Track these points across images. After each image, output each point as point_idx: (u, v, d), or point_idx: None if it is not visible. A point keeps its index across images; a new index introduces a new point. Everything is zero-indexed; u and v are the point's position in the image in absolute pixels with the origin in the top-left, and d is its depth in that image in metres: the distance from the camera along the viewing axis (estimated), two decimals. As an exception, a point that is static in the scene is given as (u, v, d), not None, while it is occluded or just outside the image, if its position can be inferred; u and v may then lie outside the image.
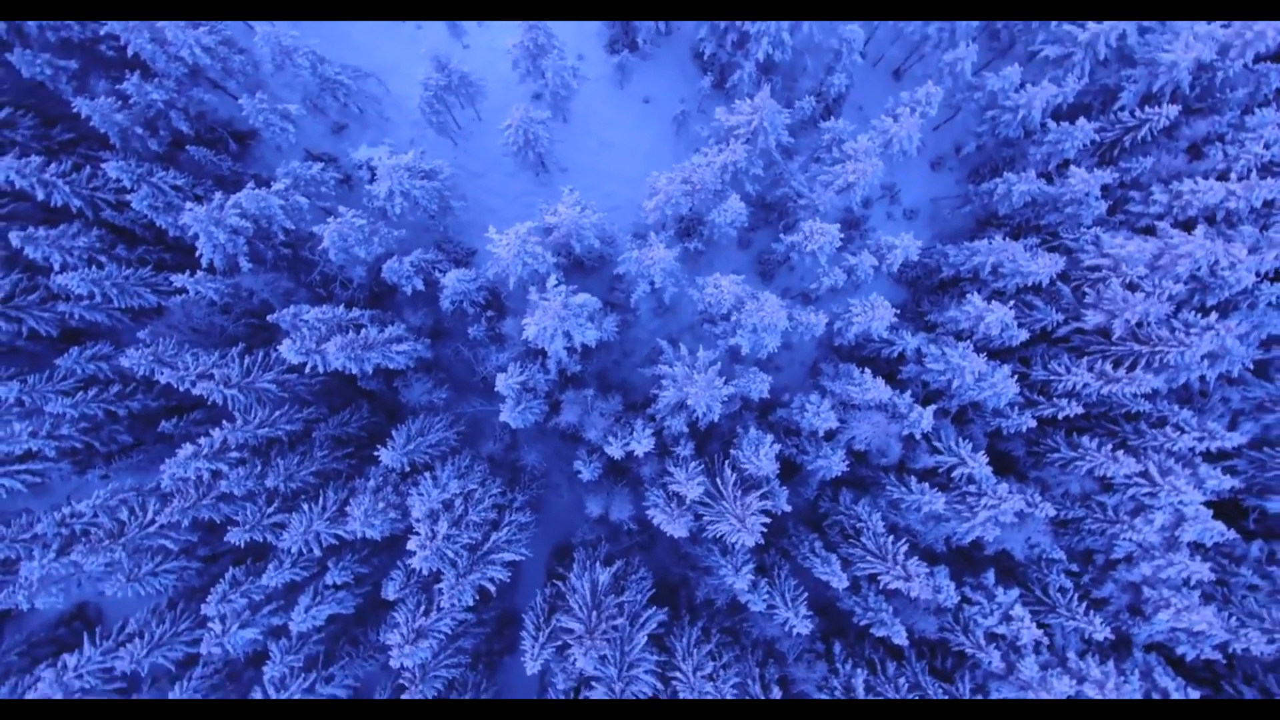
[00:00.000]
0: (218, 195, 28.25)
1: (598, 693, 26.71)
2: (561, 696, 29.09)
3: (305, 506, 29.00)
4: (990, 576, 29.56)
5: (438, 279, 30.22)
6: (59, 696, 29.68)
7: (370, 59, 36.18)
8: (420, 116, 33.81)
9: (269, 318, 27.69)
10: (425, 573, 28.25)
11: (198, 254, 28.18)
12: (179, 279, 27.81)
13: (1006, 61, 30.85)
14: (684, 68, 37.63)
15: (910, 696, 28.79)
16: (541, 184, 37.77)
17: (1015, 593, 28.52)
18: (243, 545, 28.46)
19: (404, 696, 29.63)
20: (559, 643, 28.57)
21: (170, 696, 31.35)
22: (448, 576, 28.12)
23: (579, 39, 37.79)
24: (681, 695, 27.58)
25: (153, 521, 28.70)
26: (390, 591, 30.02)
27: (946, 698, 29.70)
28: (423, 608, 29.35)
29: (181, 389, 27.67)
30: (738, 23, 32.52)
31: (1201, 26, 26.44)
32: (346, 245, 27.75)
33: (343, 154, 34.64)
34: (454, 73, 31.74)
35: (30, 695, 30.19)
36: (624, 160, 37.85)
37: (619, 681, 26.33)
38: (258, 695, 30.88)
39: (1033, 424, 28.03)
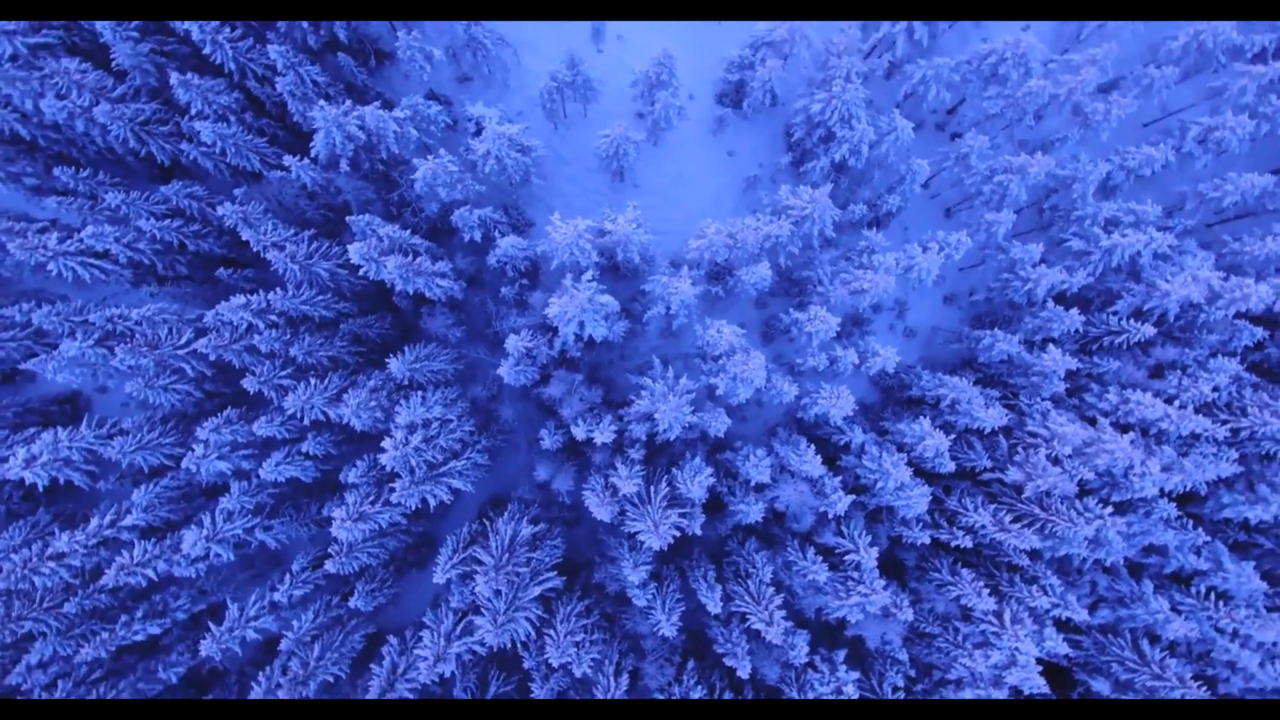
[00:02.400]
0: (347, 102, 35.45)
1: (483, 621, 32.53)
2: (454, 615, 35.00)
3: (312, 381, 35.50)
4: (841, 655, 34.80)
5: (495, 237, 36.95)
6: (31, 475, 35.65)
7: (516, 31, 43.43)
8: (536, 96, 40.91)
9: (347, 218, 34.56)
10: (386, 469, 34.49)
11: (311, 144, 35.30)
12: (289, 159, 34.85)
13: (1037, 238, 36.94)
14: (773, 139, 44.36)
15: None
16: (613, 190, 44.54)
17: (855, 675, 33.80)
18: (251, 393, 35.03)
19: (326, 566, 35.68)
20: (468, 569, 34.57)
21: (132, 497, 37.74)
22: (403, 480, 34.28)
23: (695, 80, 44.73)
24: (548, 650, 33.46)
25: (186, 345, 35.54)
26: (350, 476, 36.33)
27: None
28: (371, 498, 35.60)
29: (254, 249, 34.65)
30: (828, 120, 39.12)
31: (1204, 270, 32.27)
32: (434, 183, 34.61)
33: (459, 102, 41.79)
34: (580, 73, 38.77)
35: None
36: (690, 196, 44.52)
37: (503, 615, 32.20)
38: (205, 522, 36.90)
39: (927, 541, 33.39)
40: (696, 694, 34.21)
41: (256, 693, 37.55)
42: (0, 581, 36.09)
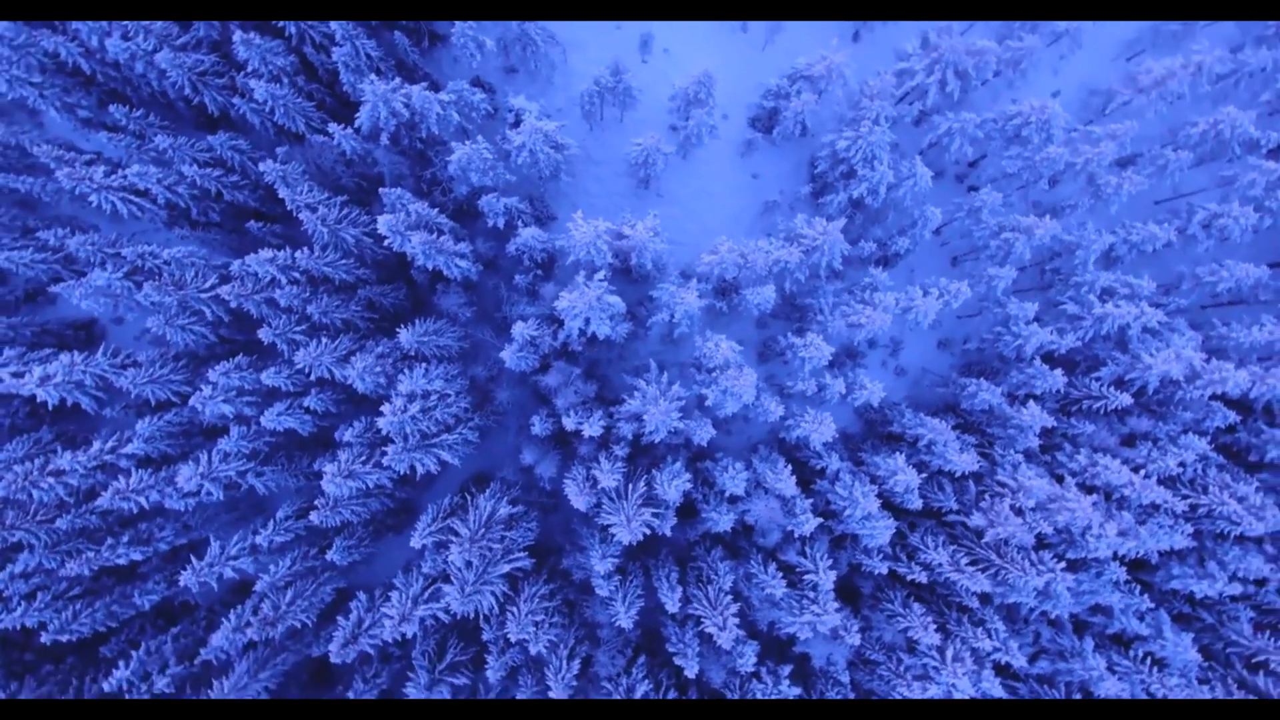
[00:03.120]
0: (397, 79, 38.15)
1: (451, 590, 34.85)
2: (423, 580, 37.35)
3: (323, 339, 38.08)
4: (787, 670, 36.97)
5: (517, 226, 39.55)
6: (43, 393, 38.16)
7: (567, 31, 46.18)
8: (577, 96, 43.61)
9: (380, 189, 37.24)
10: (381, 433, 36.94)
11: (356, 115, 38.06)
12: (333, 126, 37.60)
13: (1035, 297, 39.26)
14: (797, 168, 46.89)
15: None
16: (637, 196, 47.15)
17: (796, 690, 35.91)
18: (265, 344, 37.65)
19: (310, 518, 38.10)
20: (444, 539, 36.96)
21: (136, 428, 40.30)
22: (396, 445, 36.71)
23: (731, 102, 47.26)
24: (508, 625, 35.77)
25: (210, 289, 38.23)
26: (346, 435, 38.80)
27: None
28: (362, 458, 38.06)
29: (288, 207, 37.33)
30: (852, 158, 41.61)
31: (1188, 349, 34.49)
32: (467, 167, 37.27)
33: (502, 92, 44.55)
34: (623, 81, 41.43)
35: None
36: (710, 212, 47.05)
37: (470, 585, 34.51)
38: (201, 460, 39.38)
39: (885, 572, 35.52)
40: (642, 687, 36.35)
41: (225, 629, 39.81)
42: (2, 489, 38.67)
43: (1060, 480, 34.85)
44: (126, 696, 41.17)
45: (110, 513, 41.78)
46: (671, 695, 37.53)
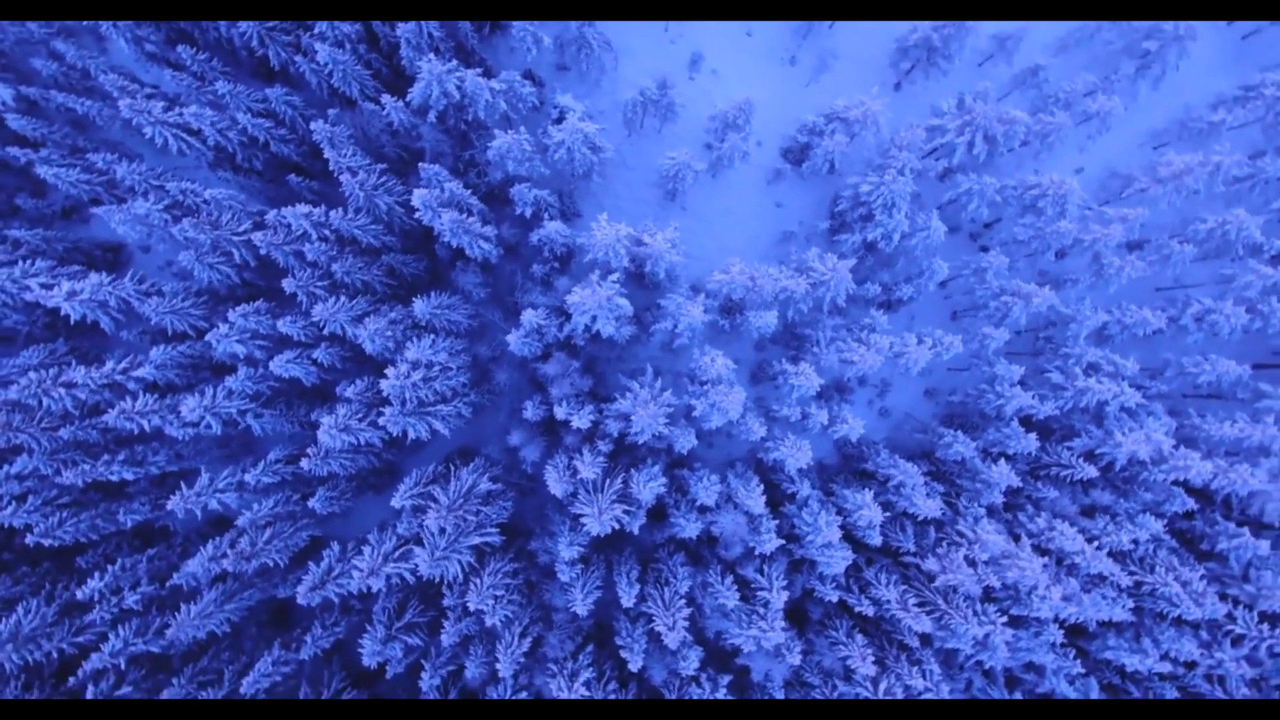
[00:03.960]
0: (454, 61, 41.63)
1: (421, 553, 37.83)
2: (396, 539, 40.36)
3: (342, 297, 41.37)
4: (726, 679, 39.75)
5: (543, 218, 42.90)
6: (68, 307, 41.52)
7: (621, 37, 49.81)
8: (621, 102, 47.05)
9: (420, 164, 40.68)
10: (382, 394, 40.09)
11: (410, 89, 41.57)
12: (386, 98, 41.14)
13: (1023, 362, 42.22)
14: (819, 203, 50.16)
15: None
16: (662, 206, 50.53)
17: (731, 699, 38.63)
18: (286, 293, 40.94)
19: (301, 464, 41.22)
20: (422, 504, 40.01)
21: (150, 354, 43.60)
22: (394, 408, 39.87)
23: (767, 130, 50.66)
24: (469, 595, 38.71)
25: (243, 233, 41.70)
26: (348, 391, 41.98)
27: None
28: (359, 415, 41.23)
29: (331, 167, 40.78)
30: (872, 202, 44.81)
31: (1158, 434, 37.28)
32: (506, 155, 40.69)
33: (551, 88, 48.13)
34: (667, 95, 44.88)
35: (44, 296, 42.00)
36: (729, 231, 50.36)
37: (440, 551, 37.47)
38: (206, 393, 42.61)
39: (835, 600, 38.28)
40: (586, 674, 39.06)
41: (201, 556, 42.78)
42: (14, 392, 41.99)
43: (1017, 539, 37.61)
44: (96, 608, 44.17)
45: (111, 430, 44.94)
46: (612, 686, 40.28)
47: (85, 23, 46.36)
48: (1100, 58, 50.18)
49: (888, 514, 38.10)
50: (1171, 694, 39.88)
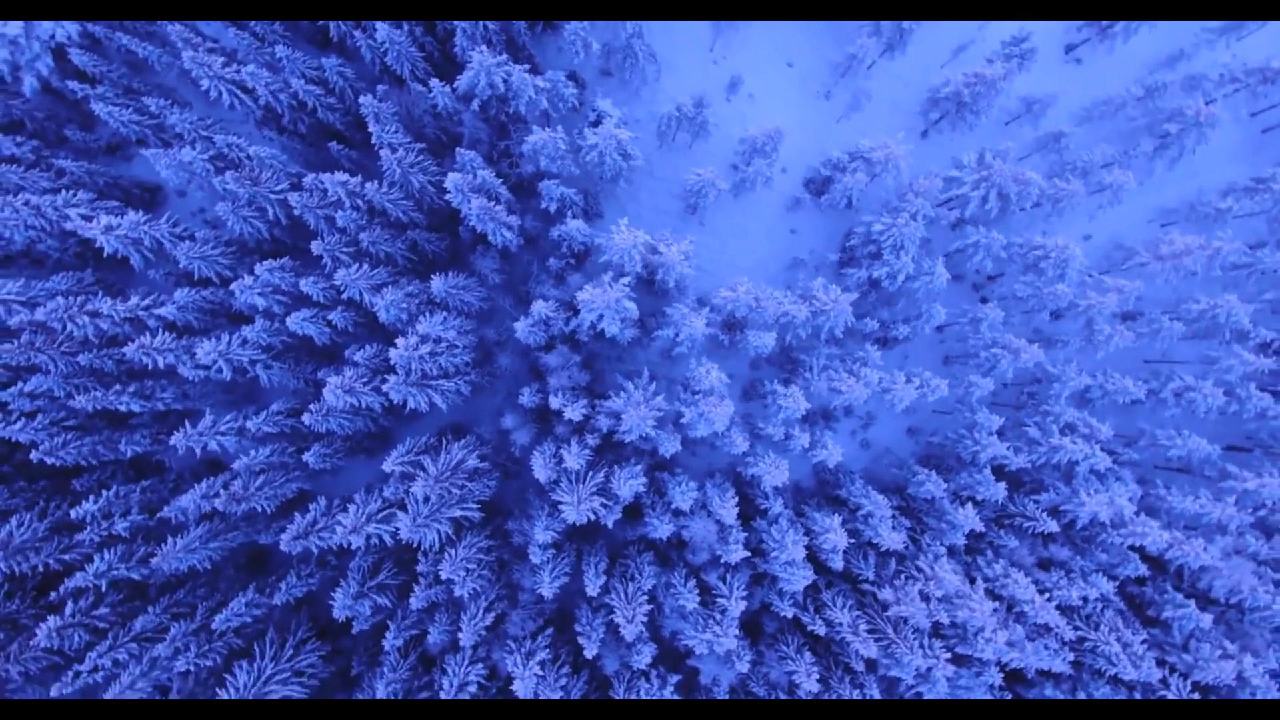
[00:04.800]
0: (504, 55, 45.33)
1: (404, 518, 41.16)
2: (382, 502, 43.73)
3: (364, 265, 45.04)
4: (675, 679, 43.03)
5: (566, 215, 46.55)
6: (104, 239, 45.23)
7: (666, 51, 53.63)
8: (657, 114, 50.78)
9: (457, 148, 44.43)
10: (389, 362, 43.64)
11: (458, 76, 45.34)
12: (434, 82, 44.96)
13: (1004, 413, 45.53)
14: (832, 236, 53.73)
15: (558, 696, 42.67)
16: (681, 219, 54.17)
17: (676, 698, 41.68)
18: (313, 255, 44.59)
19: (302, 418, 44.73)
20: (411, 471, 43.40)
21: (174, 294, 47.29)
22: (398, 376, 43.37)
23: (792, 158, 54.28)
24: (443, 564, 42.00)
25: (280, 192, 45.49)
26: (357, 355, 45.59)
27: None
28: (364, 380, 44.76)
29: (373, 140, 44.59)
30: (883, 242, 48.28)
31: (1122, 499, 40.38)
32: (540, 150, 44.37)
33: (592, 91, 51.90)
34: (702, 114, 48.58)
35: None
36: (742, 251, 53.93)
37: (422, 519, 40.78)
38: (222, 339, 46.21)
39: (790, 617, 41.50)
40: (542, 655, 42.27)
41: (194, 492, 46.23)
42: (41, 314, 45.73)
43: (972, 581, 40.72)
44: (87, 529, 47.67)
45: (125, 362, 48.59)
46: (565, 670, 43.44)
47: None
48: (1123, 132, 53.76)
49: (853, 541, 41.31)
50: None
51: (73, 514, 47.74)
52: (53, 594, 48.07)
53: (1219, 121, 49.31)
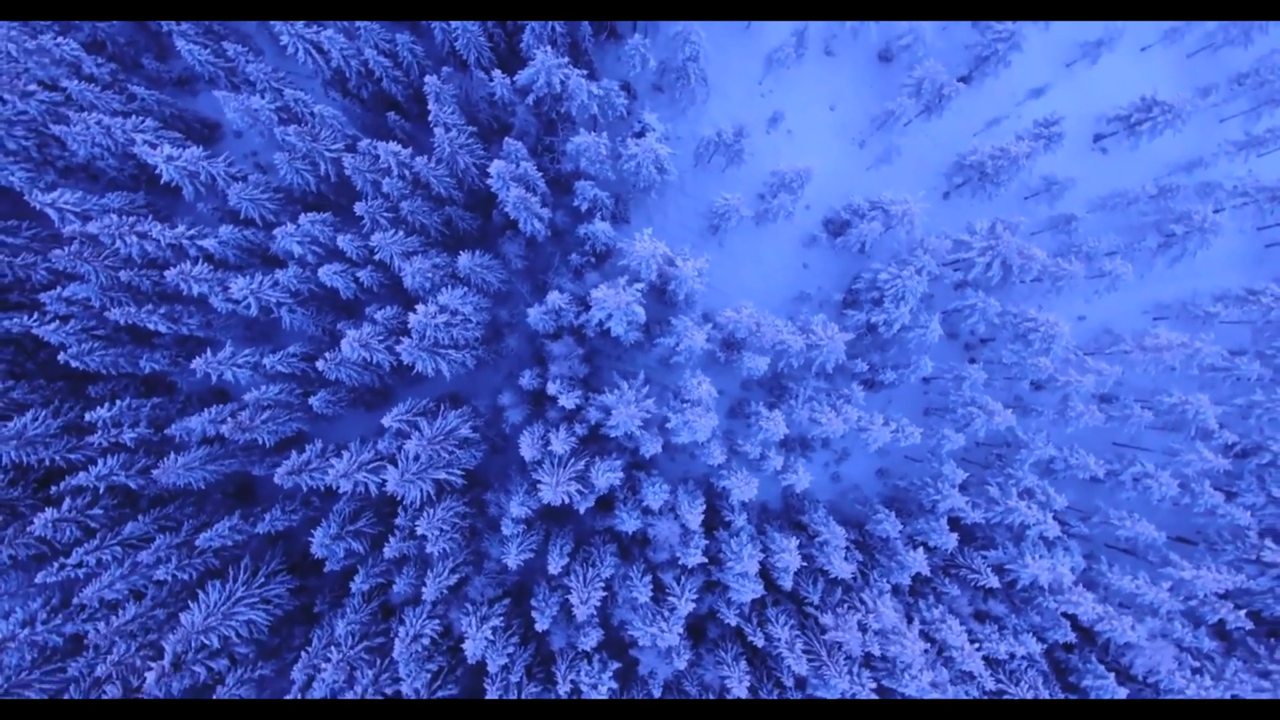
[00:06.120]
0: (565, 57, 51.20)
1: (393, 472, 46.57)
2: (374, 453, 49.16)
3: (400, 232, 50.90)
4: (615, 666, 47.99)
5: (595, 215, 52.34)
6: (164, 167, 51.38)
7: (719, 78, 59.57)
8: (699, 135, 56.70)
9: (505, 137, 50.37)
10: (406, 325, 49.28)
11: (520, 71, 51.26)
12: (496, 72, 50.85)
13: (970, 469, 50.59)
14: (840, 276, 59.31)
15: (504, 661, 47.62)
16: (702, 236, 59.92)
17: (614, 685, 47.04)
18: (356, 215, 50.44)
19: (317, 364, 50.38)
20: (406, 430, 48.89)
21: (219, 230, 53.22)
22: (413, 339, 49.00)
23: (817, 197, 59.94)
24: (419, 521, 47.22)
25: (335, 150, 51.51)
26: (377, 314, 51.32)
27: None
28: (380, 337, 50.43)
29: (430, 117, 50.54)
30: (885, 290, 53.82)
31: (1064, 567, 45.28)
32: (583, 152, 50.20)
33: (641, 103, 57.91)
34: (740, 143, 54.40)
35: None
36: (754, 276, 59.56)
37: (409, 475, 46.16)
38: (255, 278, 51.97)
39: (733, 625, 46.70)
40: (495, 621, 47.43)
41: (202, 419, 51.83)
42: (94, 227, 51.73)
43: (910, 620, 45.76)
44: (98, 433, 53.30)
45: (161, 284, 54.57)
46: (514, 639, 48.65)
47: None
48: (1133, 225, 59.22)
49: (805, 564, 46.47)
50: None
51: (87, 417, 53.34)
52: (53, 488, 53.65)
53: (1223, 230, 54.81)
